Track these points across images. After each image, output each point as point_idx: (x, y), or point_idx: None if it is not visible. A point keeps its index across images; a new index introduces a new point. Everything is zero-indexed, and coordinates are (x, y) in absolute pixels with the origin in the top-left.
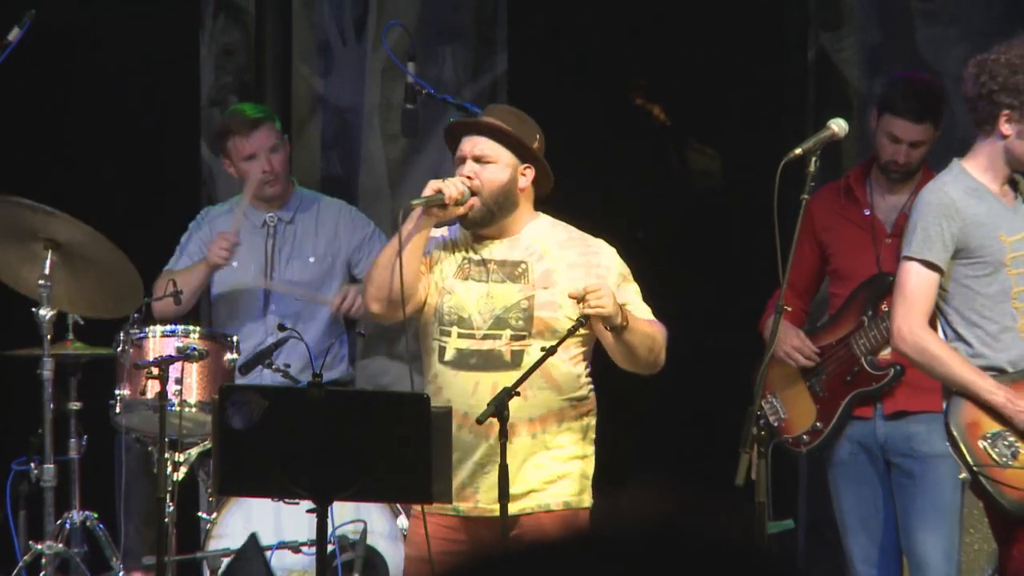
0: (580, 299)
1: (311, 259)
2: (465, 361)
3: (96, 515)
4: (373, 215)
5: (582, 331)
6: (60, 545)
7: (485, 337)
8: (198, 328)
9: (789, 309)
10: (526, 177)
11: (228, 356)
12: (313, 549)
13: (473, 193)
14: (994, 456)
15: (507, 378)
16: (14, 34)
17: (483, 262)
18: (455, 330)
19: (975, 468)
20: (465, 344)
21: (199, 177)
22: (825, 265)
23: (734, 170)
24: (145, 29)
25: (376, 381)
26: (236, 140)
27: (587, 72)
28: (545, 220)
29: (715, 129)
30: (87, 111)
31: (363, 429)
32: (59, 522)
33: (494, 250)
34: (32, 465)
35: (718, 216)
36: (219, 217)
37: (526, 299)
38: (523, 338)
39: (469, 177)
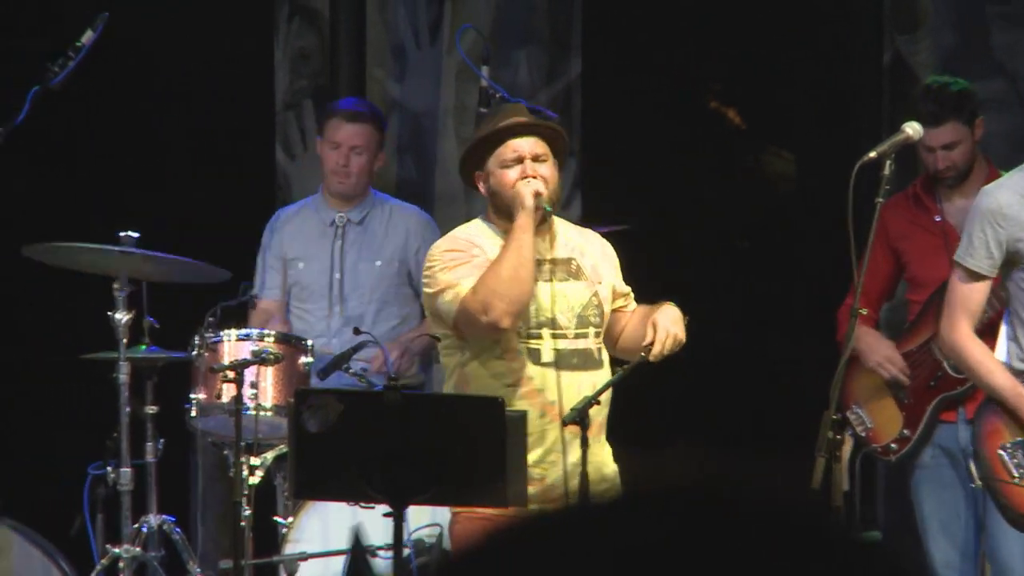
0: (649, 347)
1: (378, 262)
2: (567, 361)
3: (173, 519)
4: (448, 219)
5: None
6: (137, 549)
7: (576, 336)
8: (273, 332)
9: (864, 312)
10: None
11: (303, 360)
12: (389, 553)
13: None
14: (1011, 468)
15: (599, 376)
16: (87, 37)
17: (538, 263)
18: (546, 331)
19: (983, 479)
20: (562, 344)
21: (274, 181)
22: (899, 273)
23: (808, 174)
24: (219, 33)
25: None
26: (332, 123)
27: (661, 76)
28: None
29: (790, 132)
30: (162, 116)
31: (439, 433)
32: (136, 526)
33: (541, 249)
34: (109, 469)
35: (792, 220)
36: (292, 218)
37: (594, 295)
38: (599, 335)
39: (533, 176)
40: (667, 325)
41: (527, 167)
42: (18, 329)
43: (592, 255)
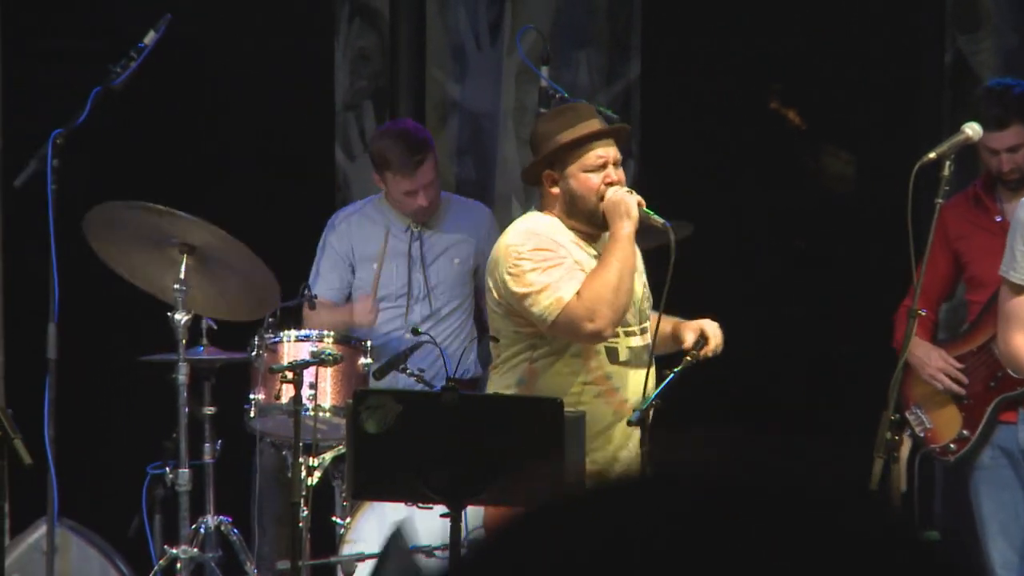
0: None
1: (456, 260)
2: (639, 358)
3: (231, 520)
4: (506, 220)
5: None
6: (195, 549)
7: (642, 332)
8: (332, 333)
9: (923, 313)
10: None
11: (362, 360)
12: (446, 553)
13: None
14: None
15: (650, 371)
16: (149, 38)
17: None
18: (620, 330)
19: None
20: (634, 342)
21: (334, 182)
22: (958, 273)
23: (868, 175)
24: (280, 34)
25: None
26: (396, 177)
27: (720, 77)
28: None
29: (850, 133)
30: (223, 116)
31: (496, 434)
32: (194, 526)
33: (602, 247)
34: (167, 469)
35: (852, 220)
36: (358, 219)
37: (644, 286)
38: (647, 329)
39: (617, 182)
40: (716, 332)
41: (611, 173)
42: (78, 331)
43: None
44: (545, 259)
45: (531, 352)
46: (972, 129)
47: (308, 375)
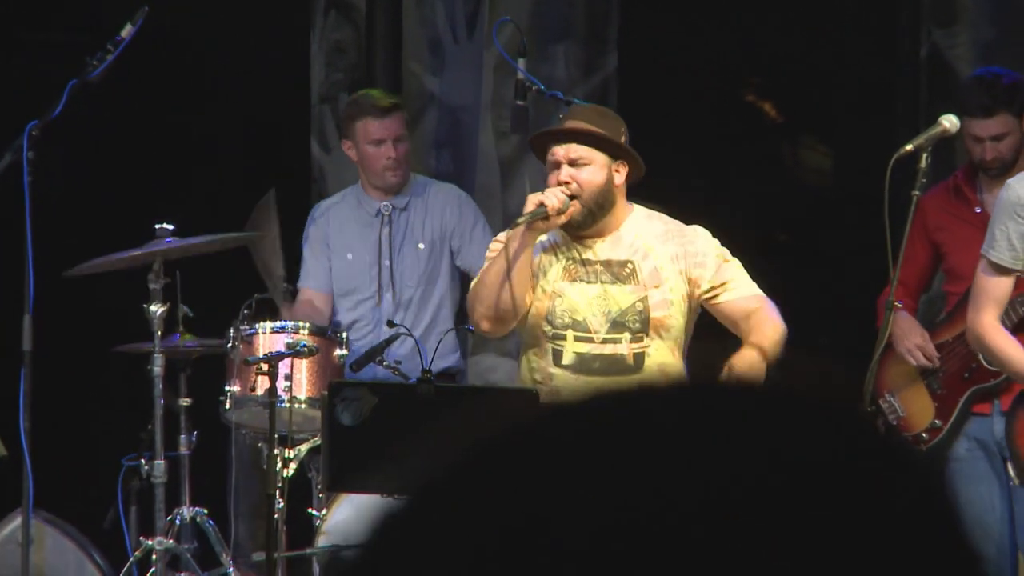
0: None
1: (420, 245)
2: (587, 366)
3: (206, 511)
4: (486, 213)
5: (687, 325)
6: (170, 541)
7: (605, 341)
8: (308, 324)
9: (900, 305)
10: (620, 174)
11: (338, 352)
12: None
13: (573, 197)
14: None
15: (628, 382)
16: (127, 31)
17: (588, 263)
18: (571, 333)
19: (1019, 475)
20: (585, 348)
21: (309, 174)
22: (936, 264)
23: (845, 167)
24: (256, 27)
25: (486, 378)
26: (367, 122)
27: (697, 70)
28: (641, 213)
29: (827, 126)
30: (199, 109)
31: (472, 425)
32: (169, 518)
33: (597, 250)
34: (142, 461)
35: (830, 213)
36: (335, 210)
37: (640, 300)
38: (641, 340)
39: (567, 182)
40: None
41: (562, 173)
42: (53, 321)
43: (660, 257)
44: (491, 251)
45: (519, 345)
46: (949, 121)
47: (283, 367)
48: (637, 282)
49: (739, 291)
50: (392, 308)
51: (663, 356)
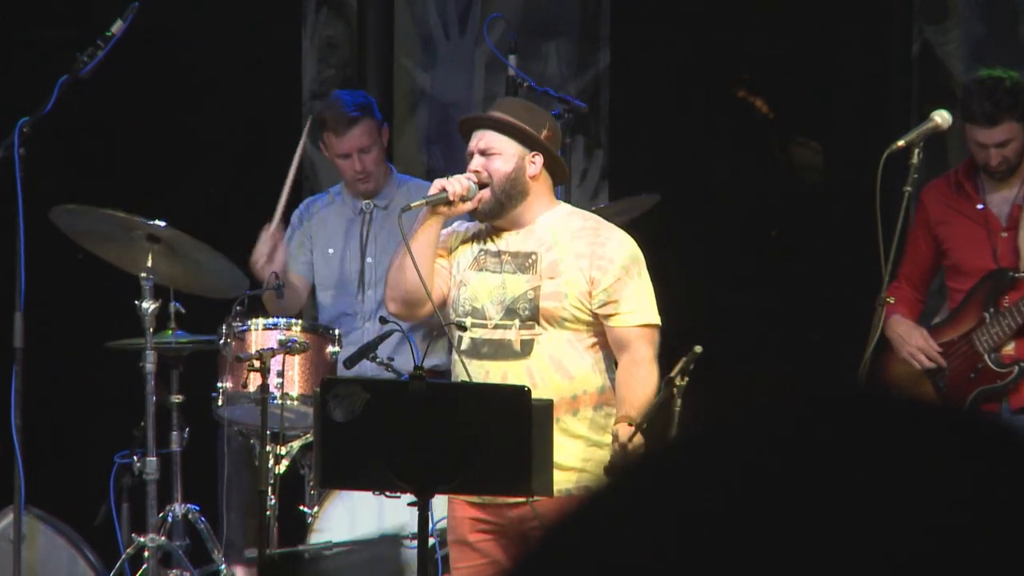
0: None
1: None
2: (478, 350)
3: (198, 508)
4: None
5: (590, 320)
6: (162, 538)
7: (496, 327)
8: (300, 321)
9: (891, 301)
10: (535, 165)
11: (330, 349)
12: (414, 542)
13: (483, 186)
14: None
15: (517, 366)
16: (117, 27)
17: (498, 253)
18: (469, 320)
19: None
20: (478, 333)
21: (301, 170)
22: (940, 258)
23: (837, 163)
24: (247, 23)
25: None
26: (330, 136)
27: (689, 67)
28: (563, 209)
29: (819, 123)
30: (190, 106)
31: (464, 422)
32: (161, 515)
33: (509, 241)
34: (135, 458)
35: (821, 209)
36: (321, 207)
37: (532, 289)
38: (532, 327)
39: (476, 171)
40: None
41: (473, 161)
42: (45, 318)
43: (567, 251)
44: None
45: None
46: (941, 117)
47: (276, 363)
48: (535, 272)
49: (624, 318)
50: (374, 306)
51: (556, 347)
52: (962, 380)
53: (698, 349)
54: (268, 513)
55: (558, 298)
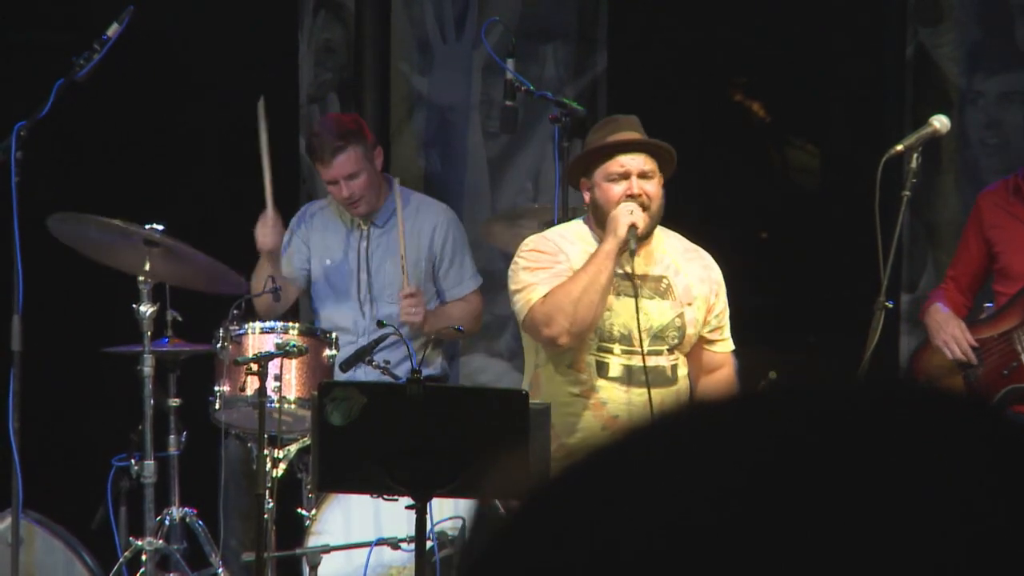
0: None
1: (401, 260)
2: (636, 378)
3: (196, 511)
4: (475, 213)
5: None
6: (160, 541)
7: (649, 354)
8: (297, 325)
9: (890, 306)
10: (664, 189)
11: (327, 352)
12: (412, 546)
13: (643, 209)
14: None
15: (668, 393)
16: (113, 30)
17: (628, 276)
18: (618, 347)
19: None
20: (632, 361)
21: (298, 174)
22: (991, 262)
23: (832, 166)
24: (245, 26)
25: (475, 379)
26: (317, 165)
27: (686, 70)
28: (660, 229)
29: (814, 125)
30: (187, 109)
31: (462, 425)
32: (159, 518)
33: (636, 264)
34: (132, 461)
35: (818, 212)
36: (320, 214)
37: (678, 316)
38: (675, 353)
39: (638, 194)
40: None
41: (633, 184)
42: (43, 323)
43: (689, 275)
44: (537, 260)
45: (536, 357)
46: (940, 122)
47: (273, 367)
48: (674, 298)
49: (727, 344)
50: (371, 320)
51: (687, 372)
52: (995, 376)
53: (773, 375)
54: (266, 516)
55: (695, 325)
